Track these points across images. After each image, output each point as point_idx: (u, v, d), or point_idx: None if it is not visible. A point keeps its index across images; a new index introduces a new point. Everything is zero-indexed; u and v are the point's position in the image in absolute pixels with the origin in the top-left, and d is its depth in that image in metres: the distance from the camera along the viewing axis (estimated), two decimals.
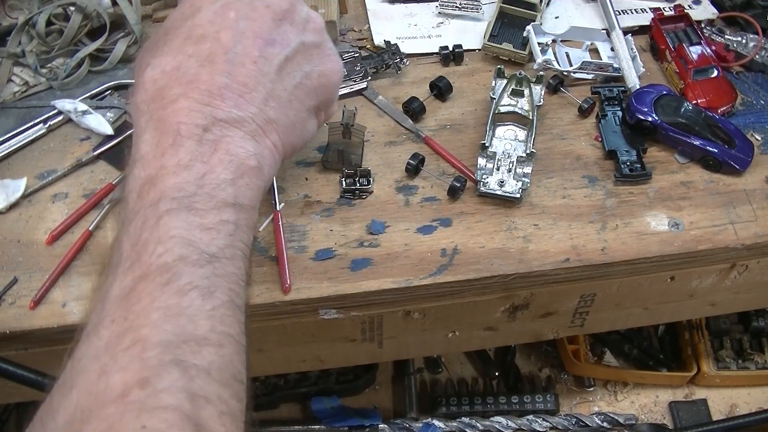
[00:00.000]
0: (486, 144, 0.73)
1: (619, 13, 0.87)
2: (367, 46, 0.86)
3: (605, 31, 0.85)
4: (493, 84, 0.78)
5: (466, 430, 0.98)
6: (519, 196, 0.71)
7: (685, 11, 0.86)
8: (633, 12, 0.89)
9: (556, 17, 0.89)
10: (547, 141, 0.77)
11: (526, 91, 0.76)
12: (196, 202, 0.44)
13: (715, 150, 0.74)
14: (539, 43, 0.82)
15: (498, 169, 0.72)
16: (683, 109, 0.76)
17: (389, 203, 0.72)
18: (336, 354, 0.79)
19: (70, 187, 0.73)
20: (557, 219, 0.71)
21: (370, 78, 0.82)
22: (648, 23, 0.87)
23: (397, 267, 0.68)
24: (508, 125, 0.76)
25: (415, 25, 0.88)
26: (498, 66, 0.79)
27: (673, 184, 0.74)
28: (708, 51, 0.81)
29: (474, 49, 0.86)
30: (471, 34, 0.87)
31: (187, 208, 0.43)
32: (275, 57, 0.51)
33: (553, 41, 0.85)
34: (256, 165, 0.48)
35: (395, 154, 0.76)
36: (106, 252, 0.69)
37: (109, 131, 0.77)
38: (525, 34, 0.83)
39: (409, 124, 0.78)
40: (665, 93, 0.77)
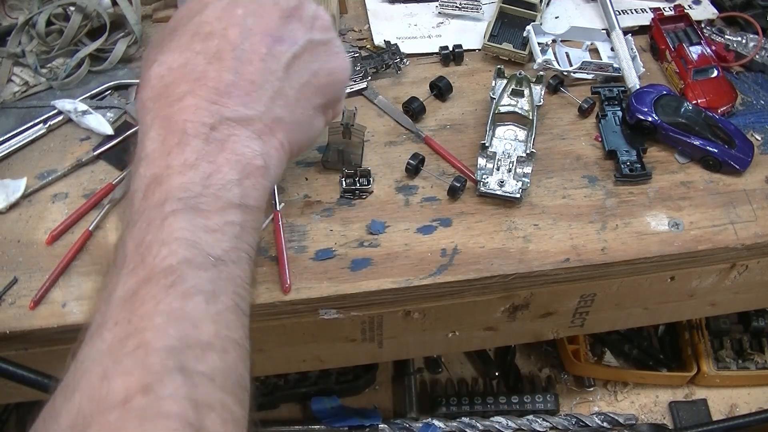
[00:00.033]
0: (486, 144, 0.73)
1: (619, 13, 0.87)
2: (367, 46, 0.86)
3: (605, 31, 0.85)
4: (493, 84, 0.78)
5: (466, 430, 0.98)
6: (519, 196, 0.71)
7: (685, 11, 0.86)
8: (633, 12, 0.89)
9: (556, 17, 0.89)
10: (547, 141, 0.77)
11: (526, 91, 0.76)
12: (201, 202, 0.43)
13: (715, 150, 0.74)
14: (539, 43, 0.82)
15: (498, 169, 0.72)
16: (683, 109, 0.76)
17: (389, 203, 0.72)
18: (336, 354, 0.79)
19: (70, 187, 0.73)
20: (557, 219, 0.71)
21: (370, 78, 0.82)
22: (648, 23, 0.87)
23: (397, 267, 0.68)
24: (508, 125, 0.76)
25: (415, 25, 0.88)
26: (498, 66, 0.79)
27: (673, 184, 0.74)
28: (708, 51, 0.81)
29: (474, 49, 0.86)
30: (471, 34, 0.87)
31: (193, 209, 0.43)
32: (283, 55, 0.51)
33: (553, 41, 0.85)
34: (262, 165, 0.48)
35: (395, 154, 0.76)
36: (106, 252, 0.69)
37: (109, 131, 0.77)
38: (525, 34, 0.83)
39: (409, 124, 0.78)
40: (665, 93, 0.77)
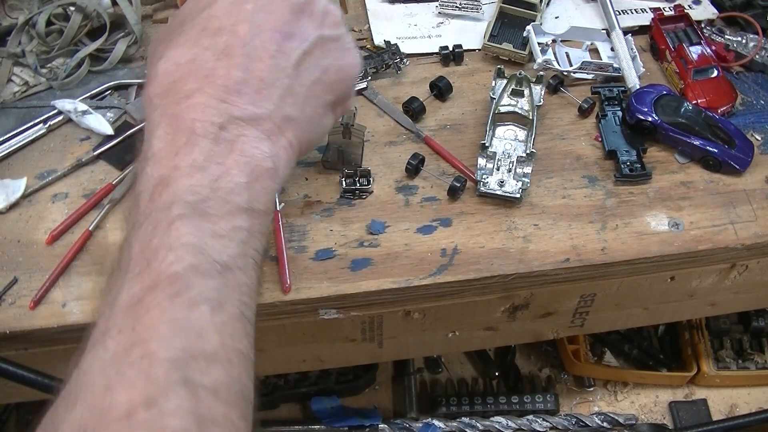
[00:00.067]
0: (486, 144, 0.73)
1: (619, 13, 0.87)
2: (367, 46, 0.86)
3: (605, 31, 0.85)
4: (493, 84, 0.78)
5: (466, 430, 0.98)
6: (519, 196, 0.71)
7: (685, 11, 0.86)
8: (633, 12, 0.89)
9: (556, 17, 0.89)
10: (547, 141, 0.77)
11: (526, 91, 0.76)
12: (209, 207, 0.43)
13: (715, 150, 0.74)
14: (539, 43, 0.82)
15: (498, 169, 0.72)
16: (683, 109, 0.76)
17: (389, 203, 0.72)
18: (336, 354, 0.79)
19: (70, 187, 0.73)
20: (557, 219, 0.71)
21: (370, 78, 0.82)
22: (648, 23, 0.87)
23: (397, 267, 0.68)
24: (508, 125, 0.76)
25: (415, 25, 0.88)
26: (498, 66, 0.79)
27: (673, 184, 0.74)
28: (708, 51, 0.81)
29: (474, 49, 0.86)
30: (471, 34, 0.87)
31: (200, 213, 0.42)
32: (293, 52, 0.49)
33: (553, 41, 0.85)
34: (271, 167, 0.47)
35: (395, 154, 0.76)
36: (106, 252, 0.69)
37: (109, 131, 0.77)
38: (525, 34, 0.83)
39: (409, 124, 0.78)
40: (665, 93, 0.77)
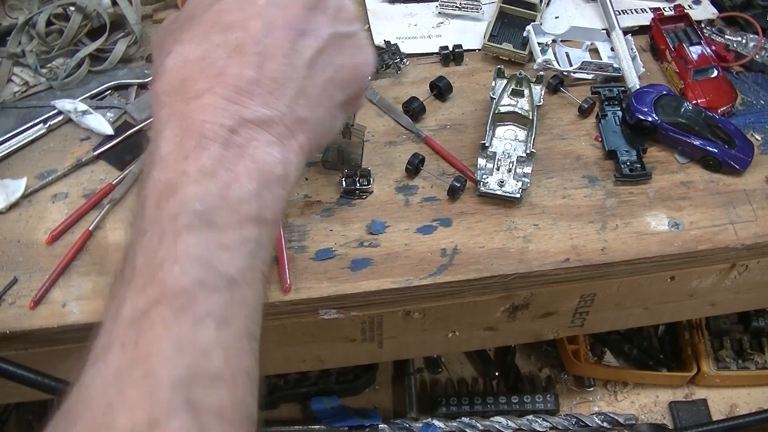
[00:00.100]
0: (486, 144, 0.73)
1: (619, 13, 0.87)
2: None
3: (605, 31, 0.85)
4: (493, 84, 0.78)
5: (466, 430, 0.98)
6: (519, 196, 0.71)
7: (685, 11, 0.86)
8: (633, 12, 0.89)
9: (556, 17, 0.89)
10: (547, 141, 0.77)
11: (526, 91, 0.76)
12: (217, 216, 0.41)
13: (715, 150, 0.74)
14: (539, 43, 0.82)
15: (498, 169, 0.72)
16: (683, 109, 0.76)
17: (389, 203, 0.72)
18: (336, 354, 0.79)
19: (70, 187, 0.73)
20: (557, 219, 0.71)
21: (370, 78, 0.82)
22: (648, 23, 0.86)
23: (397, 267, 0.68)
24: (508, 125, 0.76)
25: (415, 25, 0.88)
26: (498, 66, 0.79)
27: (673, 184, 0.74)
28: (708, 51, 0.81)
29: (474, 49, 0.86)
30: (471, 34, 0.87)
31: (208, 223, 0.41)
32: (307, 49, 0.47)
33: (553, 41, 0.85)
34: (282, 173, 0.45)
35: (395, 154, 0.76)
36: (107, 252, 0.69)
37: (109, 131, 0.77)
38: (525, 34, 0.83)
39: (409, 124, 0.78)
40: (665, 93, 0.77)
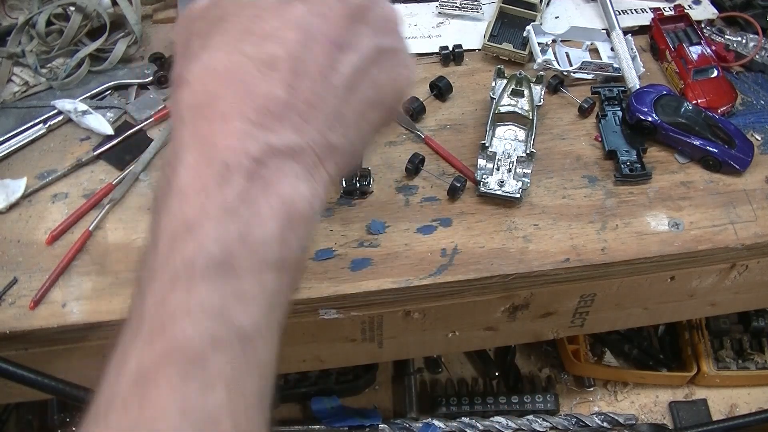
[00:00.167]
0: (486, 144, 0.73)
1: (619, 13, 0.87)
2: None
3: (605, 31, 0.85)
4: (493, 84, 0.78)
5: (466, 430, 0.98)
6: (519, 196, 0.71)
7: (685, 11, 0.86)
8: (633, 12, 0.89)
9: (556, 17, 0.89)
10: (547, 141, 0.77)
11: (526, 91, 0.76)
12: (236, 262, 0.37)
13: (715, 150, 0.74)
14: (539, 43, 0.82)
15: (498, 169, 0.72)
16: (683, 109, 0.76)
17: (389, 203, 0.72)
18: (336, 354, 0.79)
19: (70, 187, 0.73)
20: (557, 219, 0.71)
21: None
22: (648, 23, 0.86)
23: (397, 267, 0.68)
24: (508, 125, 0.76)
25: (415, 25, 0.88)
26: (498, 66, 0.79)
27: (673, 184, 0.74)
28: (708, 51, 0.81)
29: (474, 49, 0.86)
30: (471, 34, 0.87)
31: (225, 270, 0.37)
32: (346, 67, 0.41)
33: (553, 41, 0.85)
34: (308, 211, 0.40)
35: (395, 154, 0.76)
36: (107, 252, 0.69)
37: (109, 131, 0.77)
38: (525, 34, 0.83)
39: (409, 124, 0.78)
40: (665, 93, 0.77)
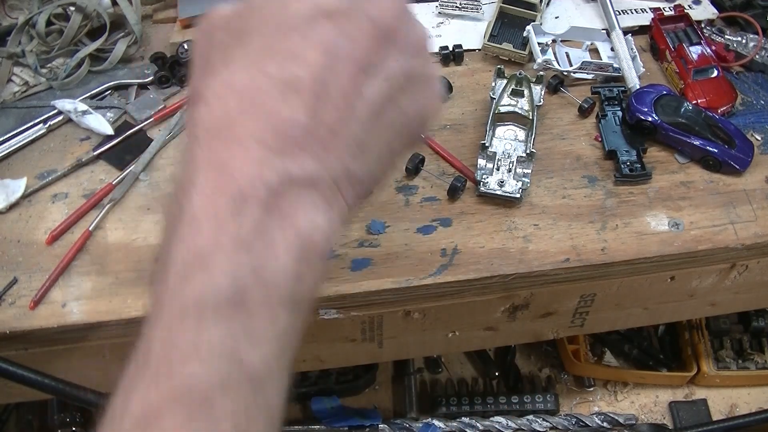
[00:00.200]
0: (486, 144, 0.73)
1: (619, 13, 0.87)
2: None
3: (605, 31, 0.85)
4: (493, 84, 0.78)
5: (466, 430, 0.98)
6: (519, 196, 0.71)
7: (685, 11, 0.86)
8: (633, 12, 0.89)
9: (556, 17, 0.89)
10: (547, 141, 0.77)
11: (526, 91, 0.76)
12: (248, 298, 0.35)
13: (715, 150, 0.74)
14: (539, 43, 0.82)
15: (498, 169, 0.72)
16: (683, 109, 0.76)
17: (389, 203, 0.72)
18: (336, 354, 0.79)
19: (70, 187, 0.73)
20: (557, 219, 0.71)
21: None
22: (648, 23, 0.86)
23: (397, 267, 0.68)
24: (508, 125, 0.76)
25: None
26: (498, 66, 0.79)
27: (673, 184, 0.74)
28: (708, 51, 0.81)
29: (474, 49, 0.86)
30: (471, 34, 0.87)
31: (237, 306, 0.35)
32: (372, 92, 0.39)
33: (553, 41, 0.85)
34: (324, 245, 0.38)
35: None
36: (107, 252, 0.69)
37: (109, 131, 0.77)
38: (525, 34, 0.83)
39: None
40: (665, 93, 0.77)
